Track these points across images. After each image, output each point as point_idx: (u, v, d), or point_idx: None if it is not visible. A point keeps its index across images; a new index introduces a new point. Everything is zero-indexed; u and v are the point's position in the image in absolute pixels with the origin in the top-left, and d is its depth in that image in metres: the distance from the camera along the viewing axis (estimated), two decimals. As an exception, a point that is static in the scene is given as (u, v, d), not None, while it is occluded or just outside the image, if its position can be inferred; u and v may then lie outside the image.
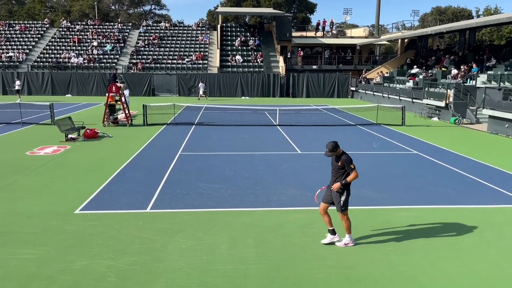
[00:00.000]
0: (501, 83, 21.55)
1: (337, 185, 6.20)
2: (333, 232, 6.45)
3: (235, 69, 38.97)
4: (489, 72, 23.80)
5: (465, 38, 32.68)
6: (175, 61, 39.44)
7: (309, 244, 6.46)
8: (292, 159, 12.39)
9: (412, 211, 7.96)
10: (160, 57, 40.22)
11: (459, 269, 5.70)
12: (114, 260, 5.83)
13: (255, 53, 40.80)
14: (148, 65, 38.63)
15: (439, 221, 7.46)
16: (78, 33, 43.30)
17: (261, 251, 6.18)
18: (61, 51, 40.13)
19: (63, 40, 42.16)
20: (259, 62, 39.76)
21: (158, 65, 38.83)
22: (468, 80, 23.96)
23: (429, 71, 29.58)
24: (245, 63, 39.72)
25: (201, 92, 33.91)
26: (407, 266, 5.76)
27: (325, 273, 5.56)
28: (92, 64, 38.46)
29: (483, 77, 23.48)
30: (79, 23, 46.56)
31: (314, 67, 42.29)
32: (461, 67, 26.04)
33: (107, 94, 18.92)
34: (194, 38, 43.66)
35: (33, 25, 44.78)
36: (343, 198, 6.25)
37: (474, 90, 22.08)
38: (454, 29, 31.64)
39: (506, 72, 22.02)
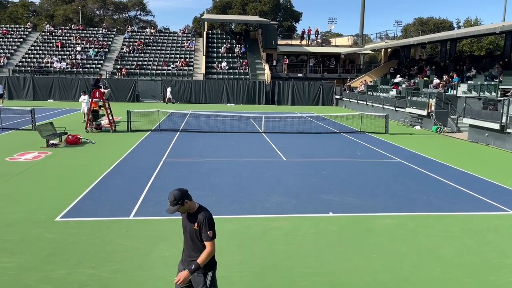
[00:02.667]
0: (481, 93, 22.11)
1: (184, 275, 3.87)
2: None
3: (221, 76, 38.99)
4: (469, 82, 24.39)
5: (446, 49, 33.47)
6: (160, 67, 39.25)
7: (293, 251, 6.45)
8: (277, 166, 12.41)
9: (395, 218, 8.05)
10: (145, 63, 39.97)
11: (441, 276, 5.78)
12: (95, 269, 5.71)
13: (241, 60, 40.93)
14: (132, 70, 38.33)
15: (421, 228, 7.55)
16: (61, 37, 42.74)
17: (245, 259, 6.15)
18: (43, 56, 39.51)
19: (46, 44, 41.53)
20: (245, 69, 39.89)
21: (143, 71, 38.57)
22: (449, 89, 24.50)
23: (412, 80, 30.15)
24: (231, 70, 39.79)
25: (168, 95, 35.08)
26: (389, 273, 5.80)
27: (309, 280, 5.56)
28: (75, 69, 37.97)
29: (463, 87, 24.04)
30: (63, 27, 45.98)
31: (299, 75, 42.63)
32: (443, 76, 26.62)
33: (90, 100, 18.69)
34: (179, 45, 43.56)
35: (15, 29, 44.01)
36: (208, 280, 3.94)
37: (455, 100, 22.58)
38: (436, 40, 32.37)
39: (485, 82, 22.60)
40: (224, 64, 40.02)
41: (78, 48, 40.78)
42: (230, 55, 41.74)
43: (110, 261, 5.95)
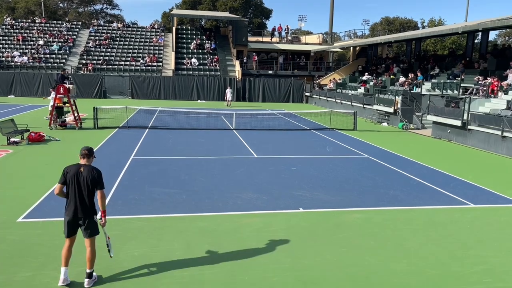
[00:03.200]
0: (443, 91, 22.95)
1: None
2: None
3: (191, 72, 38.57)
4: (433, 80, 25.26)
5: (412, 48, 34.49)
6: (128, 63, 38.35)
7: (264, 248, 6.48)
8: (248, 163, 12.42)
9: (363, 213, 8.24)
10: (112, 58, 38.95)
11: (407, 267, 5.97)
12: (59, 271, 5.51)
13: (211, 56, 40.62)
14: (99, 66, 37.26)
15: (388, 222, 7.77)
16: (22, 31, 40.95)
17: (216, 256, 6.12)
18: (3, 50, 37.75)
19: (7, 38, 39.70)
20: (215, 65, 39.62)
21: (110, 66, 37.57)
22: (414, 87, 25.27)
23: (379, 78, 30.90)
24: (201, 67, 39.42)
25: (228, 98, 32.72)
26: (359, 267, 5.94)
27: (281, 276, 5.61)
28: (38, 64, 36.49)
29: (427, 85, 24.87)
30: (24, 20, 44.07)
31: (270, 72, 42.80)
32: (408, 75, 27.43)
33: (54, 96, 18.02)
34: (148, 40, 42.72)
35: (-28, 21, 41.81)
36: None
37: (420, 97, 23.33)
38: (402, 39, 33.30)
39: (448, 81, 23.47)
40: (194, 60, 39.59)
41: (41, 42, 39.22)
42: (200, 51, 41.34)
43: (76, 263, 5.75)
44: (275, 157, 13.37)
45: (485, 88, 19.50)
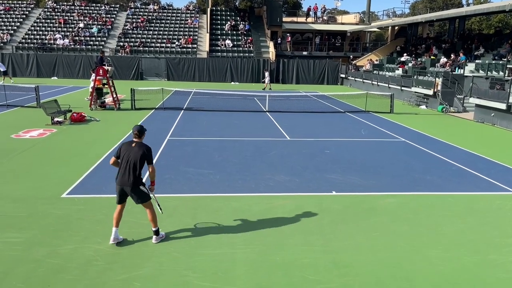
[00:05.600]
0: (488, 72, 21.79)
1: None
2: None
3: (225, 53, 38.59)
4: (477, 61, 24.02)
5: (455, 27, 32.83)
6: (163, 45, 38.86)
7: (296, 229, 6.53)
8: (281, 145, 12.43)
9: (398, 198, 8.09)
10: (149, 40, 39.56)
11: (442, 254, 5.84)
12: (101, 244, 5.83)
13: (245, 38, 40.40)
14: (136, 48, 38.00)
15: (423, 208, 7.60)
16: (63, 14, 42.26)
17: (249, 236, 6.24)
18: (46, 33, 39.19)
19: (49, 21, 41.11)
20: (249, 47, 39.42)
21: (147, 48, 38.22)
22: (456, 68, 24.16)
23: (419, 59, 29.72)
24: (235, 48, 39.33)
25: (267, 80, 31.24)
26: (391, 252, 5.88)
27: (312, 257, 5.65)
28: (78, 46, 37.69)
29: (471, 66, 23.69)
30: (65, 3, 45.40)
31: (305, 53, 42.11)
32: (451, 55, 26.22)
33: (93, 77, 18.61)
34: (183, 22, 42.98)
35: (17, 5, 43.51)
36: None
37: (462, 79, 22.30)
38: (444, 17, 31.71)
39: (493, 62, 22.25)
40: (228, 41, 39.54)
41: (81, 25, 40.36)
42: (235, 32, 41.18)
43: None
44: (308, 140, 13.29)
45: (534, 69, 18.35)
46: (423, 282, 5.13)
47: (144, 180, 6.00)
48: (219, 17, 43.17)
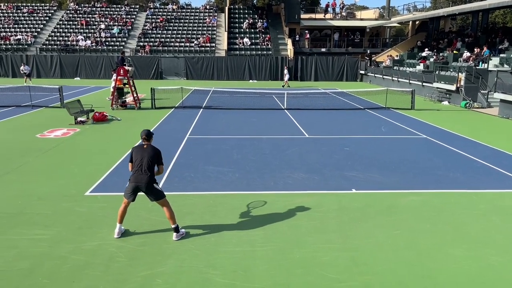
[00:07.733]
0: (513, 67, 21.15)
1: None
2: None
3: (243, 52, 38.64)
4: (501, 55, 23.33)
5: (478, 20, 31.95)
6: (182, 44, 39.21)
7: (315, 227, 6.50)
8: (299, 143, 12.38)
9: (420, 195, 7.96)
10: (168, 40, 39.99)
11: (466, 253, 5.72)
12: (123, 241, 5.94)
13: (263, 35, 40.36)
14: (155, 48, 38.46)
15: (447, 205, 7.45)
16: (85, 15, 43.14)
17: (268, 234, 6.25)
18: (69, 34, 40.09)
19: (71, 22, 42.05)
20: (267, 45, 39.37)
21: (166, 48, 38.64)
22: (480, 63, 23.53)
23: (440, 54, 29.08)
24: (253, 46, 39.34)
25: (286, 78, 31.09)
26: (412, 250, 5.79)
27: (331, 255, 5.62)
28: (99, 47, 38.41)
29: (495, 60, 23.03)
30: (87, 5, 46.32)
31: (323, 50, 41.78)
32: (474, 50, 25.55)
33: (114, 77, 18.94)
34: (201, 21, 43.26)
35: (40, 8, 44.66)
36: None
37: (486, 74, 21.70)
38: (467, 11, 30.91)
39: (519, 55, 21.57)
40: (246, 40, 39.58)
41: (102, 26, 41.11)
42: (253, 30, 41.19)
43: (138, 234, 6.17)
44: (327, 137, 13.19)
45: (563, 63, 17.71)
46: (447, 280, 5.03)
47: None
48: (237, 15, 43.25)
